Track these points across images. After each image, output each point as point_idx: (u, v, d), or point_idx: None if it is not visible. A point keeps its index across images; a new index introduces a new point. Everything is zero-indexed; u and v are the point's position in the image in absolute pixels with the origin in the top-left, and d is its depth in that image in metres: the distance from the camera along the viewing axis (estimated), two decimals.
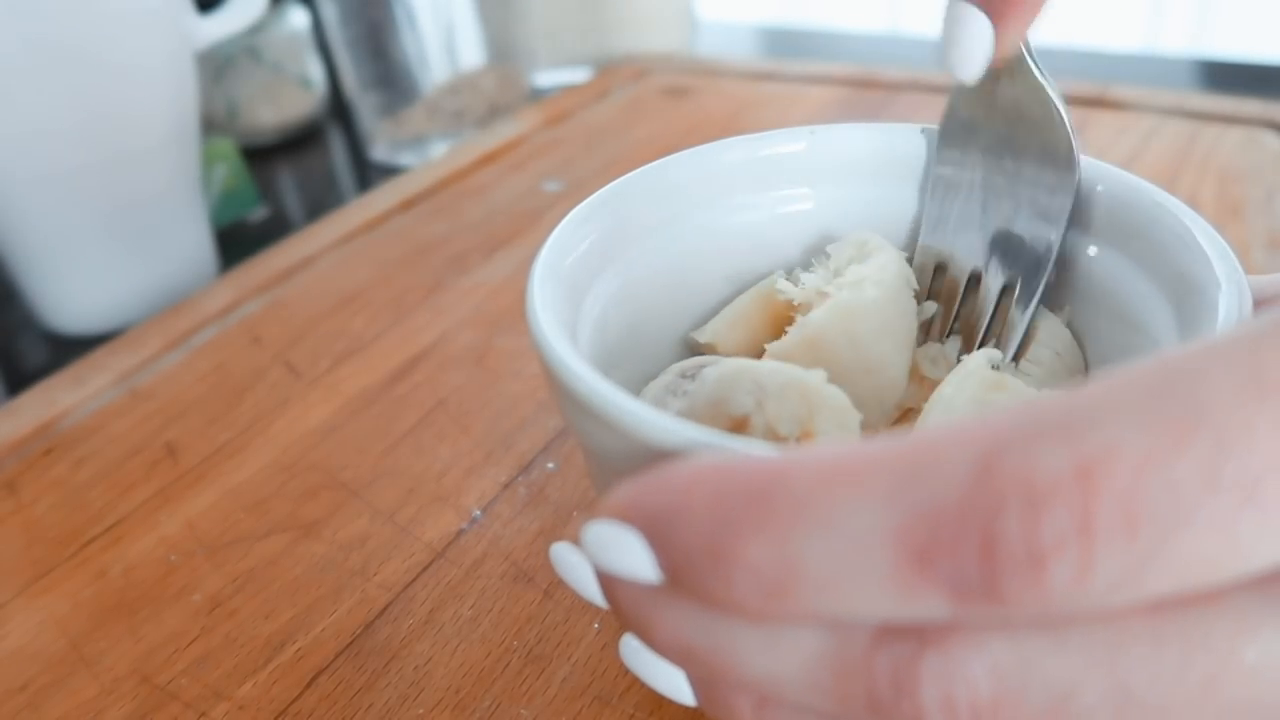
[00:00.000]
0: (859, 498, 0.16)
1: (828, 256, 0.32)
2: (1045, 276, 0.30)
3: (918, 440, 0.16)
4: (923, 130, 0.33)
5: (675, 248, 0.33)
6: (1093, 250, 0.30)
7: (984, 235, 0.32)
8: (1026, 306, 0.30)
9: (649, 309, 0.33)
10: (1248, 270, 0.26)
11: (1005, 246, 0.31)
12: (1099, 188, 0.30)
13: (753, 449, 0.20)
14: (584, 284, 0.30)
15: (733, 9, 1.12)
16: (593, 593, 0.20)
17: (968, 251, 0.32)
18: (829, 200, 0.34)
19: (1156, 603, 0.16)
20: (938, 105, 0.33)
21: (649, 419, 0.21)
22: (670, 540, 0.18)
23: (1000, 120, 0.31)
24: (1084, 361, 0.31)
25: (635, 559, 0.18)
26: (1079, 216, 0.30)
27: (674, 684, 0.21)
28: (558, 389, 0.24)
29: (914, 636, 0.17)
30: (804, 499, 0.16)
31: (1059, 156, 0.30)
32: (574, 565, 0.21)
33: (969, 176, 0.32)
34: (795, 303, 0.31)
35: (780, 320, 0.32)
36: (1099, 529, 0.15)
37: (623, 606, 0.19)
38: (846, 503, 0.16)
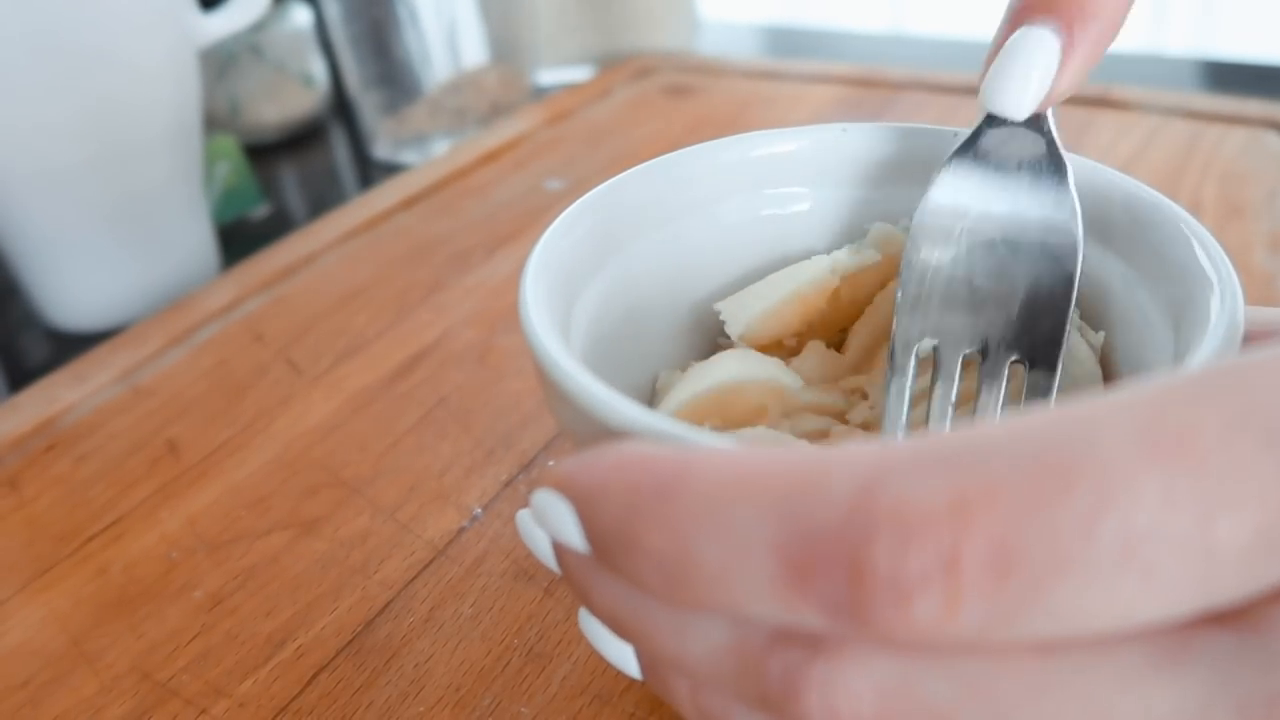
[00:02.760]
0: (751, 505, 0.16)
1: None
2: (1064, 347, 0.27)
3: (812, 456, 0.17)
4: (930, 131, 0.33)
5: (673, 246, 0.33)
6: (1094, 258, 0.30)
7: (975, 314, 0.28)
8: (1050, 381, 0.27)
9: (646, 305, 0.33)
10: (1249, 271, 0.26)
11: (1005, 325, 0.28)
12: (1099, 194, 0.29)
13: (694, 439, 0.20)
14: (579, 281, 0.30)
15: (735, 8, 1.12)
16: (547, 557, 0.21)
17: (957, 335, 0.28)
18: (826, 200, 0.34)
19: (1040, 644, 0.16)
20: (940, 105, 0.33)
21: (618, 407, 0.22)
22: (590, 517, 0.18)
23: (996, 181, 0.29)
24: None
25: (568, 529, 0.19)
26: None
27: (622, 656, 0.22)
28: (544, 381, 0.25)
29: (807, 642, 0.17)
30: (702, 498, 0.17)
31: (1061, 217, 0.28)
32: (532, 530, 0.22)
33: (950, 253, 0.29)
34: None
35: (811, 314, 0.32)
36: (966, 567, 0.15)
37: (567, 572, 0.20)
38: (738, 508, 0.16)
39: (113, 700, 0.32)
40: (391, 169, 0.75)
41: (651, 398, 0.33)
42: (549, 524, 0.20)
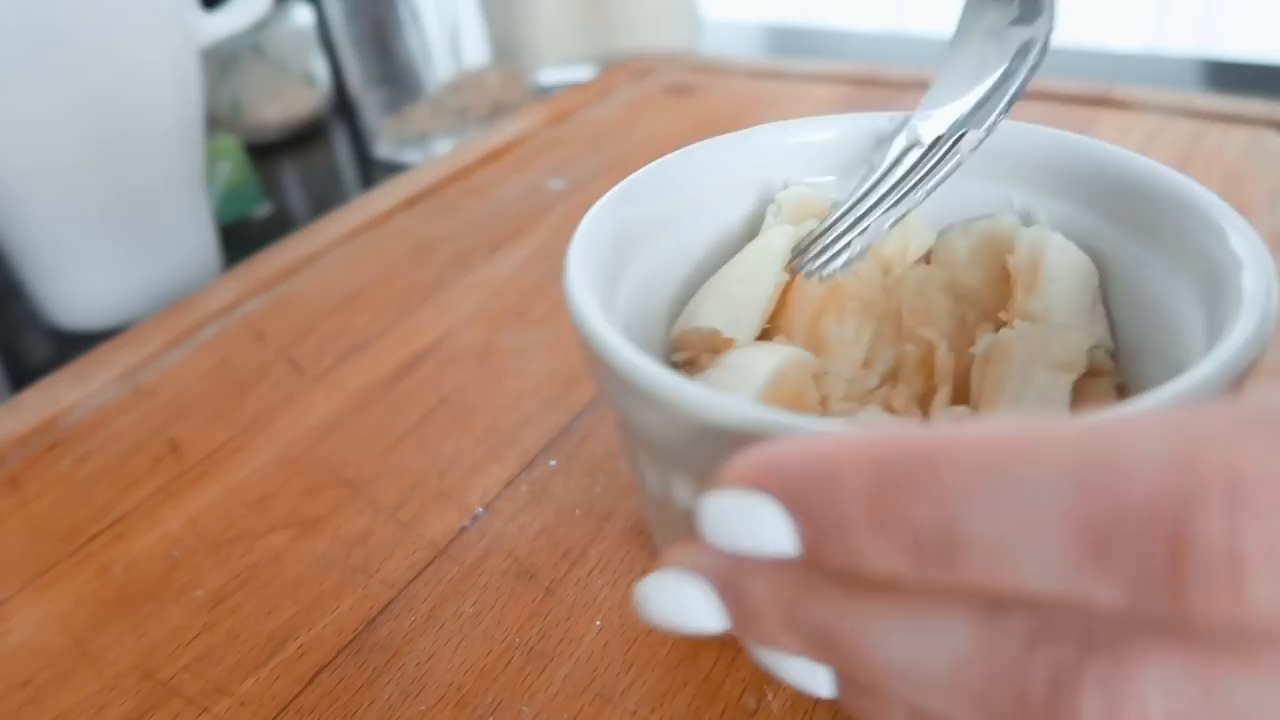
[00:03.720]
0: (1037, 474, 0.15)
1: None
2: (998, 103, 0.31)
3: (1106, 423, 0.15)
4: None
5: (705, 233, 0.34)
6: (1118, 239, 0.30)
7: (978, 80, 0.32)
8: (968, 128, 0.31)
9: (686, 286, 0.34)
10: None
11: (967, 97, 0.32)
12: (1119, 175, 0.30)
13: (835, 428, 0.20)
14: (620, 265, 0.31)
15: (737, 7, 1.12)
16: (700, 612, 0.19)
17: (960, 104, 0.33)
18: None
19: None
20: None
21: (723, 403, 0.22)
22: (818, 506, 0.17)
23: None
24: (1100, 293, 0.31)
25: (770, 529, 0.17)
26: (1099, 203, 0.31)
27: (811, 674, 0.19)
28: (607, 374, 0.25)
29: (1078, 638, 0.15)
30: (976, 470, 0.15)
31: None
32: (672, 587, 0.19)
33: (983, 26, 0.33)
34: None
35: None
36: None
37: (752, 599, 0.18)
38: (1023, 478, 0.15)
39: (114, 699, 0.32)
40: (393, 168, 0.75)
41: None
42: (737, 531, 0.17)
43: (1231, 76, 0.78)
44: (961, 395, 0.31)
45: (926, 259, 0.35)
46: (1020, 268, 0.31)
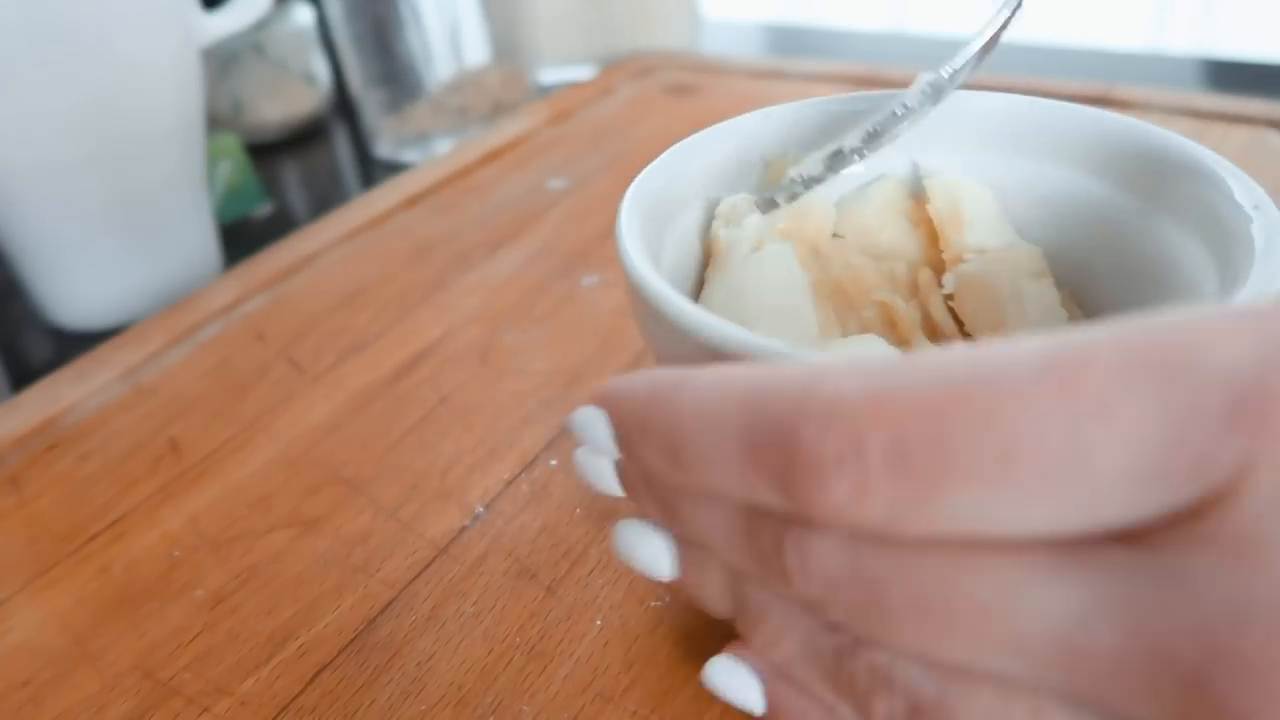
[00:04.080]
0: (725, 397, 0.20)
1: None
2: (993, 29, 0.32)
3: (782, 364, 0.20)
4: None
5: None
6: (1126, 204, 0.31)
7: None
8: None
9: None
10: None
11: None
12: (1124, 141, 0.31)
13: (799, 355, 0.23)
14: (664, 220, 0.32)
15: (737, 7, 1.12)
16: (605, 476, 0.25)
17: None
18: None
19: (945, 541, 0.18)
20: (943, 103, 0.33)
21: (711, 324, 0.25)
22: (614, 417, 0.23)
23: None
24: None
25: (600, 432, 0.23)
26: (1105, 169, 0.31)
27: (653, 559, 0.24)
28: (639, 301, 0.28)
29: (780, 521, 0.20)
30: (693, 393, 0.20)
31: None
32: (587, 459, 0.26)
33: None
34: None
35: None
36: (871, 456, 0.17)
37: (622, 479, 0.25)
38: (717, 400, 0.20)
39: (115, 699, 0.32)
40: (393, 168, 0.75)
41: None
42: (589, 431, 0.23)
43: (1232, 76, 0.78)
44: (934, 339, 0.33)
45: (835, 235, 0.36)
46: (943, 213, 0.34)
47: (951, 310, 0.33)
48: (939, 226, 0.34)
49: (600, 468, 0.25)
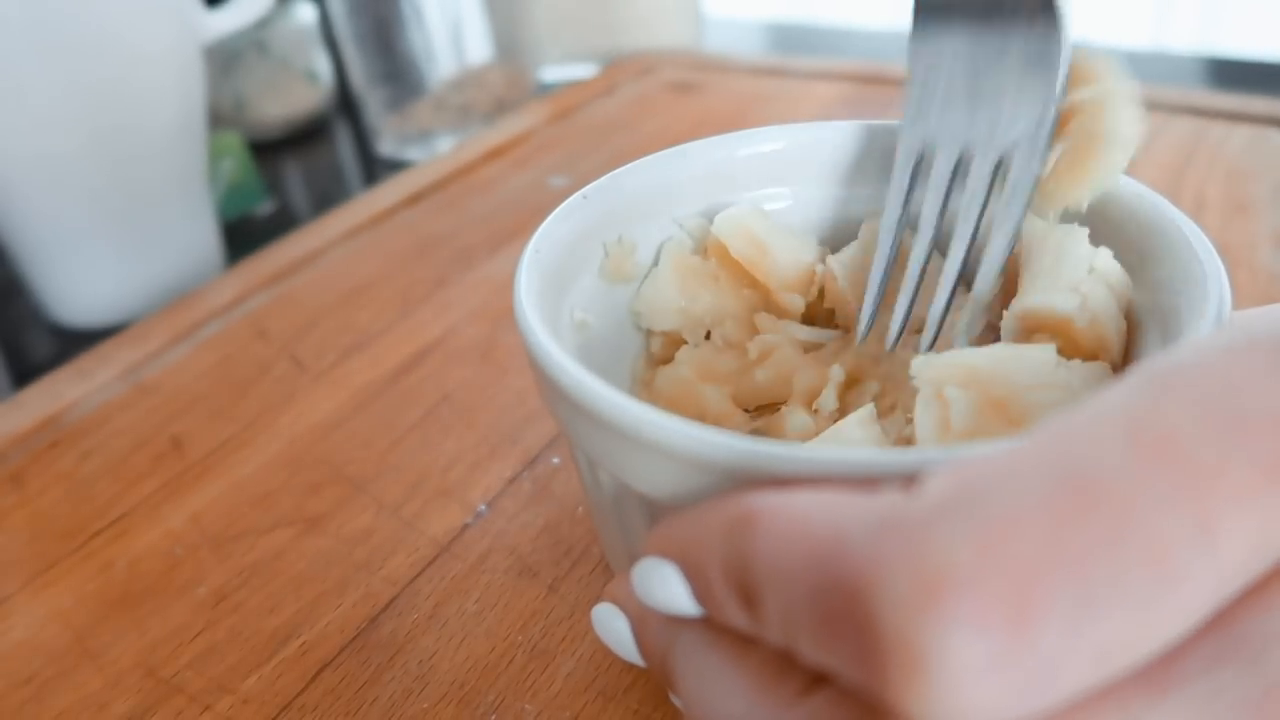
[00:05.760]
0: (794, 553, 0.17)
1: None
2: (1047, 142, 0.27)
3: (845, 503, 0.17)
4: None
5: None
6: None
7: (971, 109, 0.29)
8: (1028, 171, 0.27)
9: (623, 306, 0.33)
10: (1254, 269, 0.26)
11: (996, 117, 0.28)
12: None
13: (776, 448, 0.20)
14: (567, 281, 0.30)
15: (739, 5, 1.11)
16: (628, 645, 0.22)
17: (954, 132, 0.29)
18: (806, 199, 0.34)
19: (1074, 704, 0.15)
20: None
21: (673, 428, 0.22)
22: (694, 569, 0.19)
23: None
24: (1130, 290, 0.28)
25: (675, 591, 0.20)
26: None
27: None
28: (553, 389, 0.25)
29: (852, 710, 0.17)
30: (773, 543, 0.17)
31: (1040, 10, 0.27)
32: (608, 618, 0.22)
33: (951, 47, 0.29)
34: None
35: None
36: (994, 622, 0.14)
37: (648, 642, 0.21)
38: (786, 558, 0.17)
39: (117, 697, 0.32)
40: (396, 166, 0.75)
41: (631, 386, 0.33)
42: (656, 594, 0.20)
43: (1234, 74, 0.78)
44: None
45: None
46: (745, 251, 0.32)
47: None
48: (748, 267, 0.32)
49: (622, 632, 0.22)
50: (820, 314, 0.33)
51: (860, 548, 0.15)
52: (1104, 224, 0.29)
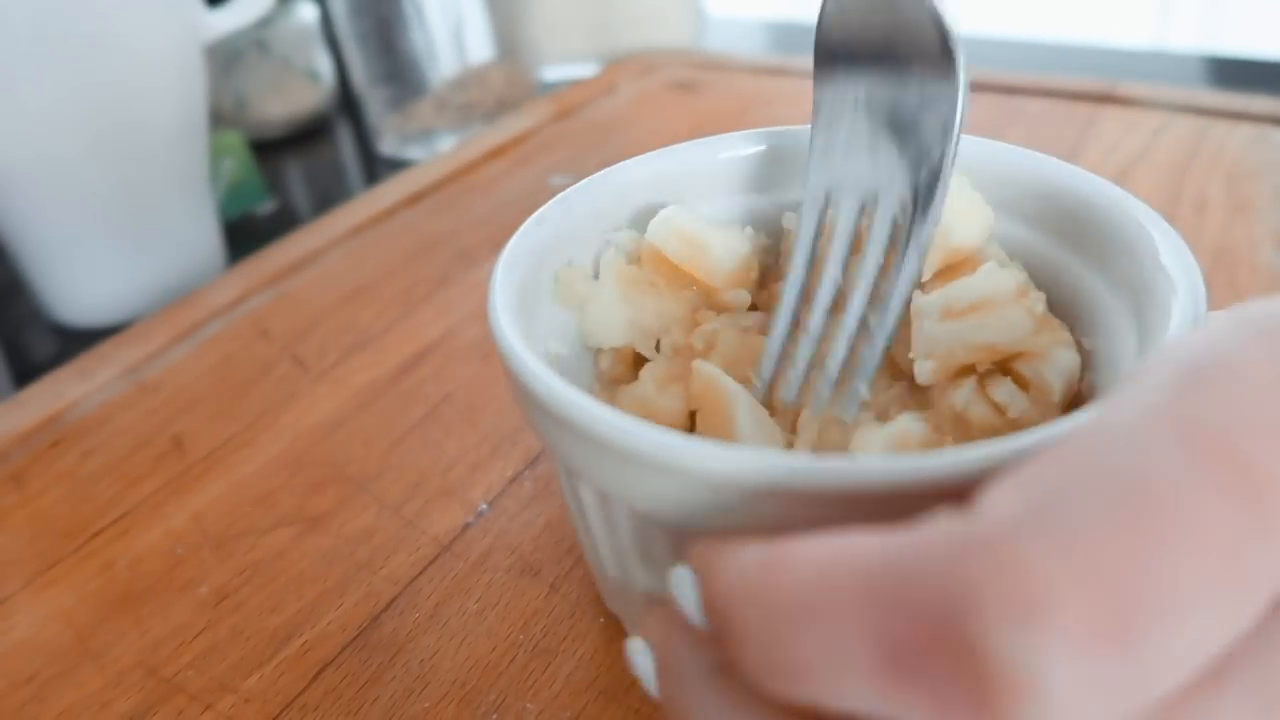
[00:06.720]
0: (842, 588, 0.16)
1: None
2: (941, 189, 0.27)
3: (899, 535, 0.16)
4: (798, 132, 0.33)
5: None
6: (1054, 254, 0.30)
7: (874, 156, 0.29)
8: (924, 222, 0.27)
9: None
10: (1255, 268, 0.26)
11: (895, 163, 0.29)
12: (1057, 189, 0.30)
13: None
14: (531, 309, 0.30)
15: (741, 4, 1.11)
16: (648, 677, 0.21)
17: (858, 178, 0.30)
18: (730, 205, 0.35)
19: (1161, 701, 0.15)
20: None
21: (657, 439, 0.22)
22: (705, 591, 0.18)
23: (876, 30, 0.29)
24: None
25: (689, 601, 0.19)
26: (1041, 221, 0.30)
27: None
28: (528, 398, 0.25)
29: None
30: (794, 581, 0.16)
31: (938, 57, 0.27)
32: (639, 655, 0.21)
33: (852, 92, 0.30)
34: None
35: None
36: (1097, 633, 0.14)
37: (666, 686, 0.20)
38: (830, 590, 0.16)
39: (118, 696, 0.32)
40: (397, 165, 0.75)
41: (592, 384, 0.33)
42: (679, 593, 0.20)
43: (1236, 73, 0.78)
44: None
45: None
46: (681, 254, 0.32)
47: None
48: (688, 267, 0.32)
49: (647, 666, 0.21)
50: (765, 300, 0.33)
51: (940, 572, 0.15)
52: (1058, 214, 0.29)
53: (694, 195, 0.34)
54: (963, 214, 0.29)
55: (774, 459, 0.20)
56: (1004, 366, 0.28)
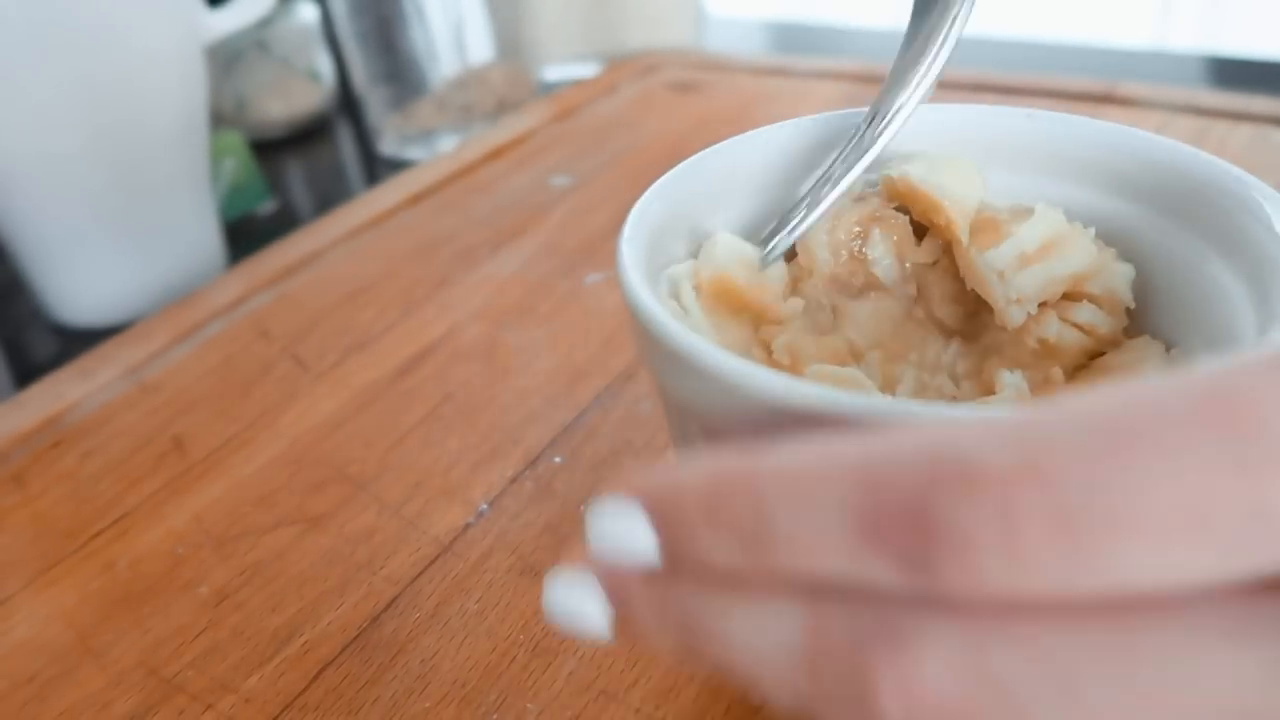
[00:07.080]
0: (828, 472, 0.17)
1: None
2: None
3: (891, 434, 0.18)
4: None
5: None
6: (1164, 227, 0.30)
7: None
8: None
9: None
10: None
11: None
12: (1159, 164, 0.30)
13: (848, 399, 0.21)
14: (668, 247, 0.30)
15: (741, 4, 1.12)
16: (593, 616, 0.21)
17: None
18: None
19: (1105, 606, 0.16)
20: (944, 100, 0.33)
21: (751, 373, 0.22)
22: (668, 513, 0.19)
23: None
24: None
25: (637, 536, 0.20)
26: (1149, 196, 0.30)
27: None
28: (653, 344, 0.25)
29: (873, 623, 0.17)
30: (781, 470, 0.18)
31: None
32: (567, 595, 0.22)
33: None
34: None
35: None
36: (1026, 521, 0.15)
37: (626, 601, 0.21)
38: (816, 475, 0.17)
39: (119, 695, 0.32)
40: (398, 165, 0.75)
41: None
42: (619, 538, 0.20)
43: (1237, 73, 0.78)
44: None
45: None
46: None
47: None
48: (755, 294, 0.32)
49: (585, 606, 0.21)
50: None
51: (914, 463, 0.17)
52: (1168, 191, 0.30)
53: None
54: (961, 181, 0.31)
55: (935, 411, 0.21)
56: (1070, 293, 0.30)
